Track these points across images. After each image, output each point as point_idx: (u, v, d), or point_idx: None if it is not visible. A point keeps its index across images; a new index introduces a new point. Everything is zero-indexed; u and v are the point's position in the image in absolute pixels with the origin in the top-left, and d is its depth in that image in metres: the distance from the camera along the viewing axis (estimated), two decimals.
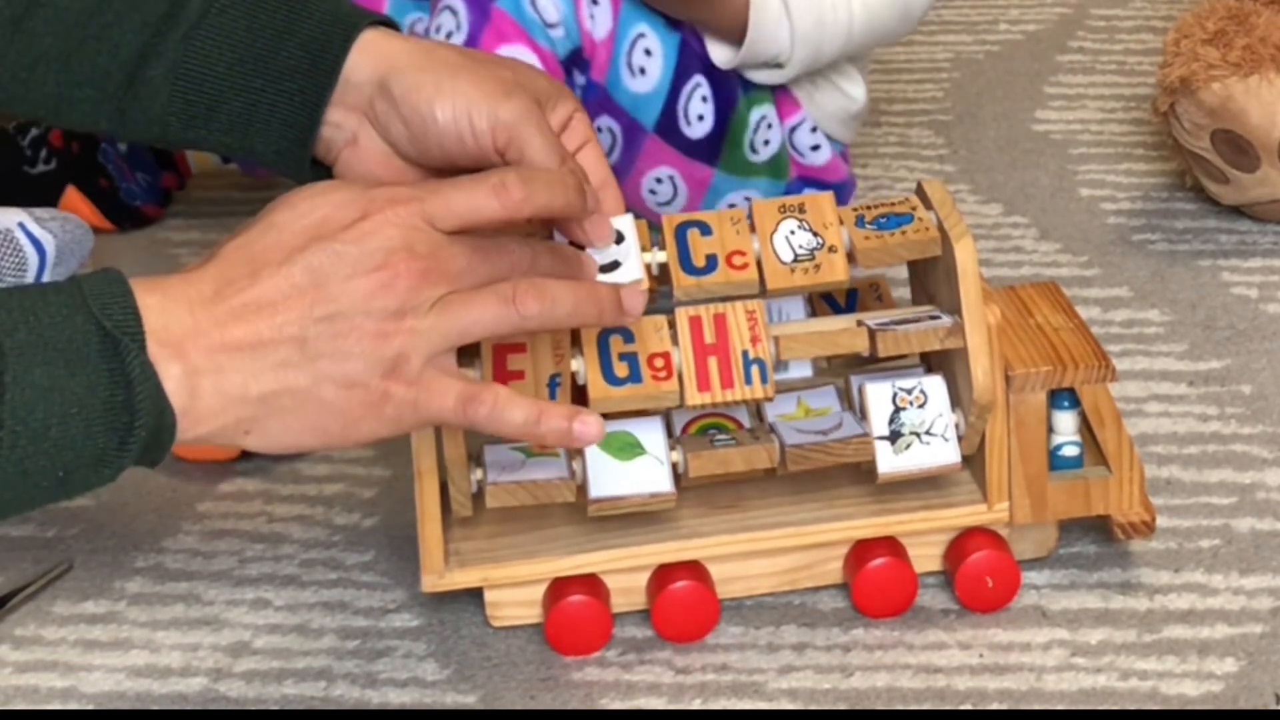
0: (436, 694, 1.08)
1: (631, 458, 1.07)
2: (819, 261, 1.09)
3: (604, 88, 1.30)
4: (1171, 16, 1.79)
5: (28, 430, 0.90)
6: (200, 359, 0.93)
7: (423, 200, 0.96)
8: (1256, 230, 1.48)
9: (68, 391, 0.90)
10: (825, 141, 1.40)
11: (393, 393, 0.95)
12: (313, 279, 0.94)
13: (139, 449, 0.93)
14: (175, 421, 0.93)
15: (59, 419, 0.90)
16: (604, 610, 1.10)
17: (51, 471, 0.92)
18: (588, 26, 1.28)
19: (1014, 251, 1.48)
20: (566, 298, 0.98)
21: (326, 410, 0.95)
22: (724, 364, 1.07)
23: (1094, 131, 1.65)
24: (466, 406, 0.97)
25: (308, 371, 0.94)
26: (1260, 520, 1.18)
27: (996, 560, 1.11)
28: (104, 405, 0.91)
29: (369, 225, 0.95)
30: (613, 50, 1.30)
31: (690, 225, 1.10)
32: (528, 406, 0.98)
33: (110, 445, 0.92)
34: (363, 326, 0.94)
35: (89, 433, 0.91)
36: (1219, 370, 1.33)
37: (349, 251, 0.94)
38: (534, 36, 1.26)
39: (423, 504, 1.07)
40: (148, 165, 1.55)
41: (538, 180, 0.98)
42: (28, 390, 0.90)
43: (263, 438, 0.96)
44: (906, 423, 1.10)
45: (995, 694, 1.06)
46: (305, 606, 1.15)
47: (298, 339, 0.94)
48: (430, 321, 0.95)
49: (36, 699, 1.09)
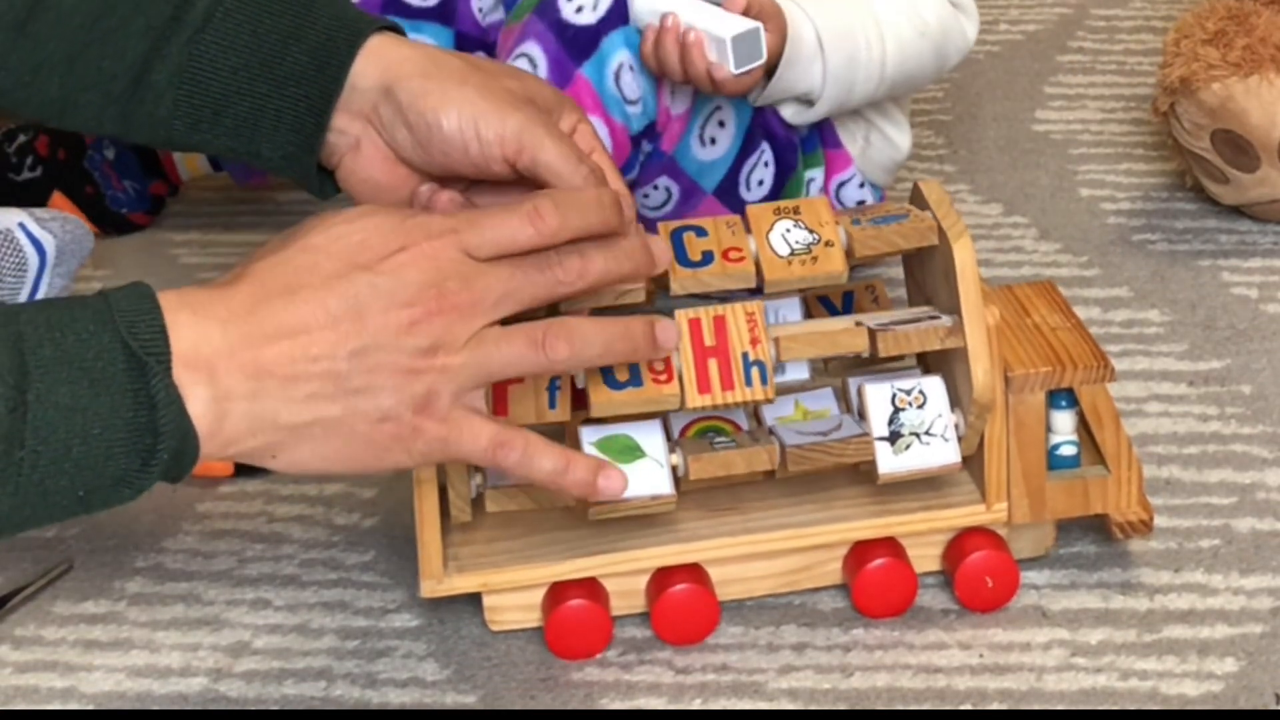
0: (436, 694, 1.08)
1: (631, 461, 1.07)
2: (816, 254, 1.09)
3: (671, 155, 1.30)
4: (1171, 16, 1.79)
5: (49, 450, 0.90)
6: (231, 381, 0.92)
7: (459, 232, 0.96)
8: (1256, 230, 1.48)
9: (90, 412, 0.90)
10: (869, 194, 1.41)
11: (424, 429, 0.95)
12: (350, 309, 0.94)
13: (161, 470, 0.92)
14: (199, 444, 0.92)
15: (80, 439, 0.90)
16: (604, 614, 1.10)
17: (72, 491, 0.91)
18: (666, 103, 1.28)
19: (1014, 251, 1.48)
20: (596, 339, 0.98)
21: (357, 441, 0.95)
22: (724, 366, 1.07)
23: (1094, 131, 1.65)
24: (498, 451, 0.97)
25: (340, 404, 0.94)
26: (1260, 520, 1.18)
27: (996, 560, 1.11)
28: (127, 427, 0.91)
29: (406, 258, 0.95)
30: (688, 123, 1.30)
31: (686, 230, 1.10)
32: (556, 456, 0.99)
33: (132, 467, 0.92)
34: (396, 362, 0.94)
35: (110, 454, 0.91)
36: (1219, 370, 1.33)
37: (385, 284, 0.94)
38: (610, 110, 1.26)
39: (422, 510, 1.07)
40: (135, 173, 1.55)
41: (572, 204, 0.98)
42: (51, 410, 0.89)
43: (290, 462, 0.96)
44: (906, 423, 1.10)
45: (995, 694, 1.06)
46: (305, 606, 1.15)
47: (331, 372, 0.93)
48: (462, 360, 0.95)
49: (36, 699, 1.10)
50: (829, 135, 1.40)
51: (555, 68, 1.25)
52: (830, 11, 1.32)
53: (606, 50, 1.26)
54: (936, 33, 1.36)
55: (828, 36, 1.31)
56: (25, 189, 1.53)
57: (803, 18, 1.31)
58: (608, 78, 1.25)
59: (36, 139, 1.54)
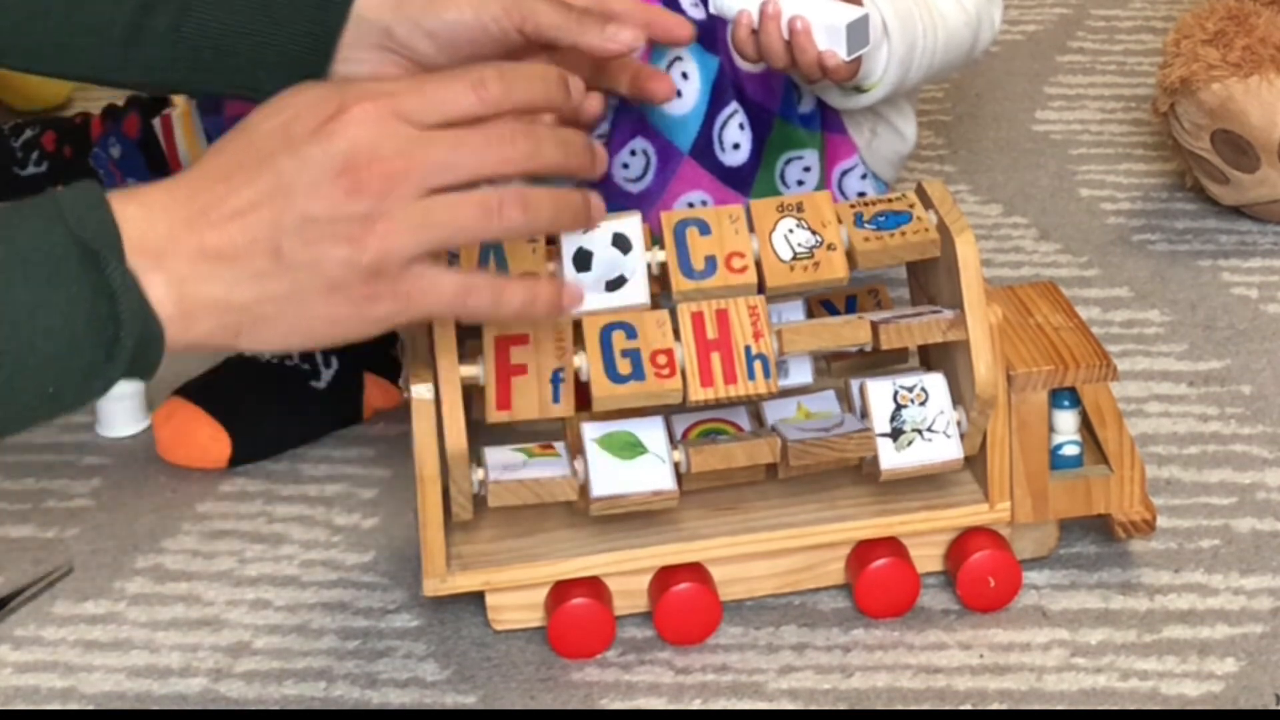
0: (436, 694, 1.08)
1: (633, 456, 1.07)
2: (818, 259, 1.09)
3: (639, 109, 1.30)
4: (1171, 17, 1.79)
5: (14, 347, 0.89)
6: (181, 267, 0.91)
7: (395, 96, 0.94)
8: (1256, 230, 1.48)
9: (50, 306, 0.89)
10: (871, 186, 1.40)
11: (379, 294, 0.93)
12: (280, 186, 0.92)
13: (126, 360, 0.91)
14: (162, 331, 0.92)
15: (44, 334, 0.89)
16: (606, 613, 1.10)
17: (41, 388, 0.91)
18: None
19: (1014, 252, 1.48)
20: (547, 206, 0.96)
21: (312, 314, 0.93)
22: (727, 359, 1.07)
23: (1094, 131, 1.65)
24: (467, 299, 0.95)
25: (286, 280, 0.93)
26: (1260, 520, 1.18)
27: (998, 560, 1.11)
28: (88, 318, 0.90)
29: (336, 125, 0.92)
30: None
31: (689, 223, 1.10)
32: (522, 288, 0.97)
33: (97, 359, 0.91)
34: (336, 232, 0.92)
35: (75, 347, 0.90)
36: (1219, 370, 1.33)
37: (316, 154, 0.92)
38: None
39: (425, 508, 1.07)
40: (140, 170, 1.54)
41: (518, 76, 0.97)
42: (10, 308, 0.89)
43: (253, 341, 0.94)
44: (908, 420, 1.10)
45: (995, 694, 1.06)
46: (305, 607, 1.15)
47: (271, 250, 0.92)
48: (407, 225, 0.93)
49: (36, 699, 1.09)
50: (832, 117, 1.38)
51: None
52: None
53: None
54: (974, 20, 1.36)
55: (894, 24, 1.30)
56: (30, 184, 1.53)
57: (871, 2, 1.29)
58: None
59: (43, 134, 1.54)
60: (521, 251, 1.09)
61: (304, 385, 1.29)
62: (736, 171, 1.35)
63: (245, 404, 1.28)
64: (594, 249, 1.09)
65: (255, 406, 1.28)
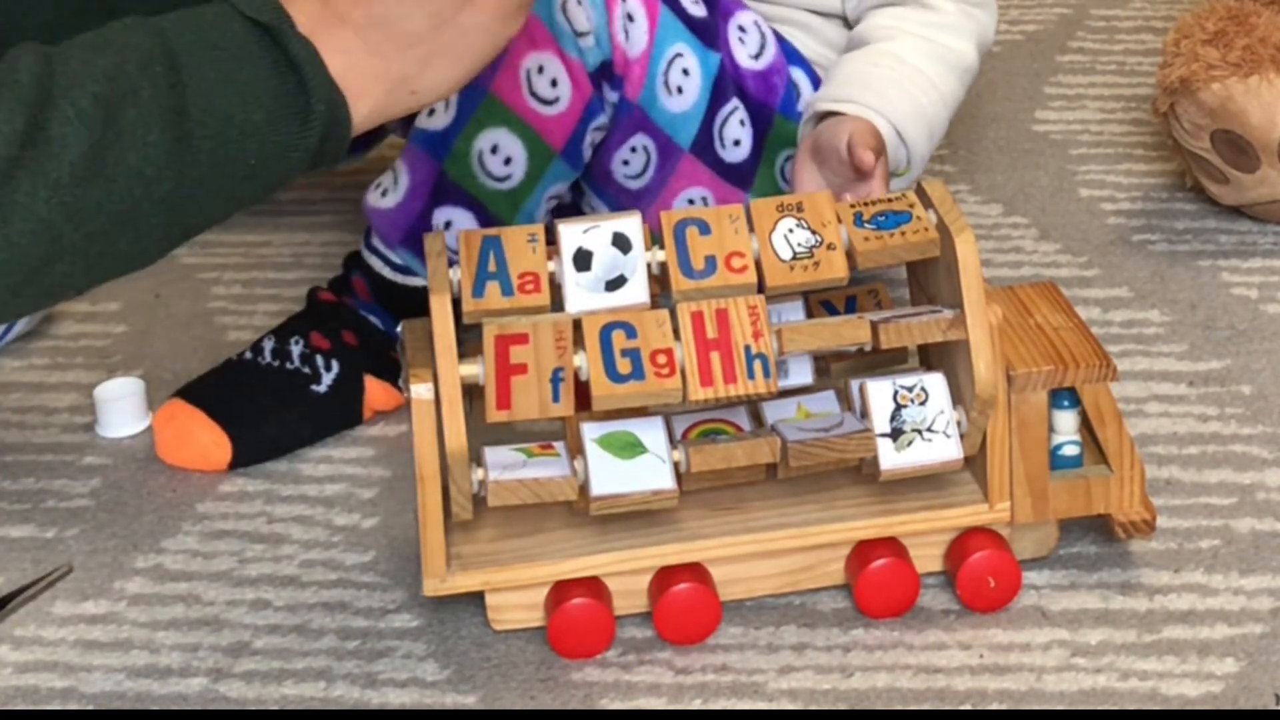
0: (436, 694, 1.08)
1: (633, 456, 1.07)
2: (818, 259, 1.09)
3: (639, 106, 1.30)
4: (1171, 17, 1.79)
5: (214, 120, 0.95)
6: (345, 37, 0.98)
7: None
8: (1256, 230, 1.48)
9: (241, 82, 0.95)
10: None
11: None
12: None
13: (321, 128, 0.97)
14: (346, 101, 0.98)
15: (240, 106, 0.95)
16: (606, 613, 1.10)
17: (243, 160, 0.96)
18: (620, 40, 1.27)
19: (1014, 252, 1.48)
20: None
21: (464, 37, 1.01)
22: (726, 359, 1.07)
23: (1094, 131, 1.65)
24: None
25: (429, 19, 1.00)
26: (1260, 520, 1.18)
27: (998, 560, 1.11)
28: (278, 90, 0.96)
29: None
30: (649, 68, 1.29)
31: (689, 223, 1.10)
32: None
33: (292, 129, 0.96)
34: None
35: (270, 118, 0.96)
36: (1219, 370, 1.33)
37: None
38: (563, 46, 1.25)
39: (425, 508, 1.07)
40: None
41: None
42: (206, 84, 0.95)
43: (431, 91, 1.01)
44: (908, 420, 1.10)
45: (995, 694, 1.06)
46: (305, 607, 1.15)
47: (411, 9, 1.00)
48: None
49: (36, 699, 1.09)
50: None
51: None
52: (893, 94, 1.32)
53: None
54: (972, 55, 1.37)
55: (904, 125, 1.31)
56: None
57: (876, 117, 1.30)
58: (555, 9, 1.25)
59: None
60: (521, 250, 1.09)
61: (305, 390, 1.29)
62: (737, 168, 1.35)
63: (246, 408, 1.28)
64: (594, 249, 1.09)
65: (256, 411, 1.28)
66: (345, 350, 1.30)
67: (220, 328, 1.43)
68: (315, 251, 1.51)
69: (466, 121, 1.27)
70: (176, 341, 1.41)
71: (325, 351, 1.30)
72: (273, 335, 1.32)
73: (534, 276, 1.08)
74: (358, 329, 1.32)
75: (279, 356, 1.30)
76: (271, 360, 1.30)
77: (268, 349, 1.30)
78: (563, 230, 1.09)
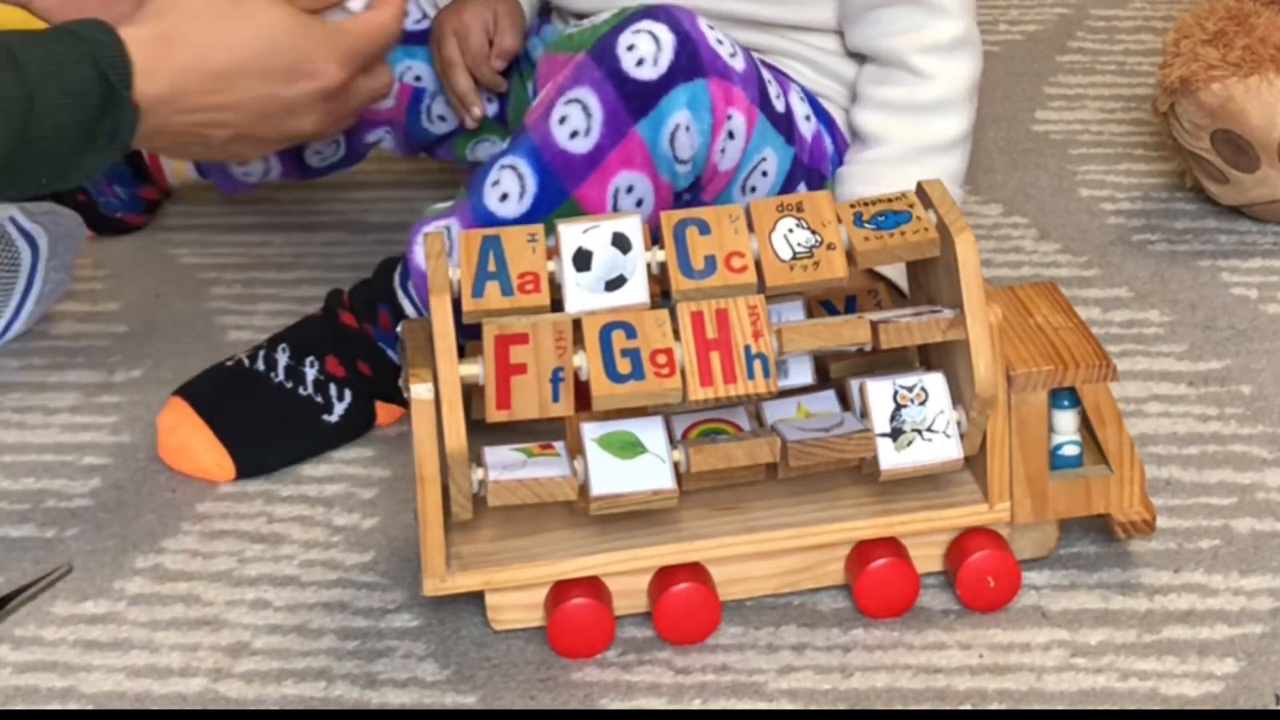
0: (436, 694, 1.08)
1: (633, 456, 1.07)
2: (818, 259, 1.09)
3: (708, 203, 1.26)
4: (1171, 16, 1.79)
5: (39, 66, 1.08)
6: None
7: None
8: (1256, 230, 1.48)
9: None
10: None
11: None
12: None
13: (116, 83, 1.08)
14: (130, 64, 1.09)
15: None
16: (606, 613, 1.10)
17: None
18: (716, 160, 1.24)
19: (1014, 251, 1.48)
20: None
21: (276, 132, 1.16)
22: (726, 359, 1.07)
23: (1094, 131, 1.65)
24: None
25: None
26: (1260, 520, 1.18)
27: (998, 560, 1.11)
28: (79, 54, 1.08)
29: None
30: (734, 177, 1.26)
31: (689, 223, 1.10)
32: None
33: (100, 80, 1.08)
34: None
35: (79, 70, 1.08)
36: (1219, 370, 1.33)
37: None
38: (659, 169, 1.22)
39: (425, 508, 1.07)
40: (125, 179, 1.54)
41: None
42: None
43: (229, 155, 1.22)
44: (908, 420, 1.10)
45: (995, 694, 1.06)
46: (305, 607, 1.15)
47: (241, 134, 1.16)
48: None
49: (36, 699, 1.09)
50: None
51: (610, 120, 1.20)
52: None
53: (665, 109, 1.20)
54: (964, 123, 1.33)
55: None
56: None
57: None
58: (663, 138, 1.21)
59: None
60: (521, 250, 1.09)
61: (316, 420, 1.28)
62: None
63: (254, 430, 1.26)
64: (594, 249, 1.09)
65: (264, 435, 1.26)
66: (359, 381, 1.29)
67: (220, 328, 1.43)
68: (315, 251, 1.51)
69: (539, 219, 1.21)
70: (176, 341, 1.41)
71: (340, 380, 1.28)
72: (287, 348, 1.29)
73: (534, 276, 1.08)
74: (373, 360, 1.29)
75: (292, 377, 1.28)
76: (285, 380, 1.28)
77: (281, 365, 1.28)
78: (563, 230, 1.09)
